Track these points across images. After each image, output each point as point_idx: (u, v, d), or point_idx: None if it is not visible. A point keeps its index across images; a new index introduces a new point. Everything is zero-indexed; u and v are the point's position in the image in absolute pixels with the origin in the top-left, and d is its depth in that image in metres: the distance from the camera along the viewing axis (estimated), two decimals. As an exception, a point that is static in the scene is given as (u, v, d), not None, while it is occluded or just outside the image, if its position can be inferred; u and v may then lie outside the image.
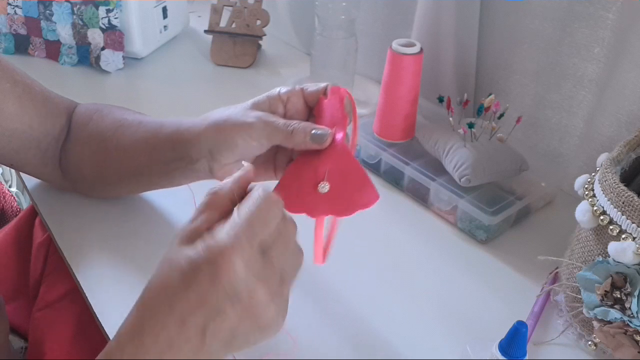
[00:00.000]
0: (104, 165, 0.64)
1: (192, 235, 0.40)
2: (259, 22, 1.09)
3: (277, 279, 0.40)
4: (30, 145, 0.65)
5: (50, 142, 0.66)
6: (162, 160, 0.59)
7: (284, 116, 0.55)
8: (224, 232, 0.38)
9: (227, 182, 0.43)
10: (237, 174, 0.44)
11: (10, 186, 1.36)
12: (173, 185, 0.64)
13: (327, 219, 0.48)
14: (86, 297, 0.60)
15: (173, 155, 0.58)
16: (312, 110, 0.56)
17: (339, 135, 0.51)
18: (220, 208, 0.41)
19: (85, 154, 0.65)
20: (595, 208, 0.54)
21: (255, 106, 0.55)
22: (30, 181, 0.74)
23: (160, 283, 0.39)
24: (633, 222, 0.50)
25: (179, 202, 0.70)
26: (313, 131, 0.50)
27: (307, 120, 0.55)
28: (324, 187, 0.48)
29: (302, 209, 0.47)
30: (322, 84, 0.55)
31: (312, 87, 0.55)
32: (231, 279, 0.37)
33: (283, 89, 0.55)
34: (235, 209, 0.40)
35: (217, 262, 0.37)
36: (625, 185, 0.52)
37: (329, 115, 0.53)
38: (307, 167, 0.50)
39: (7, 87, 0.61)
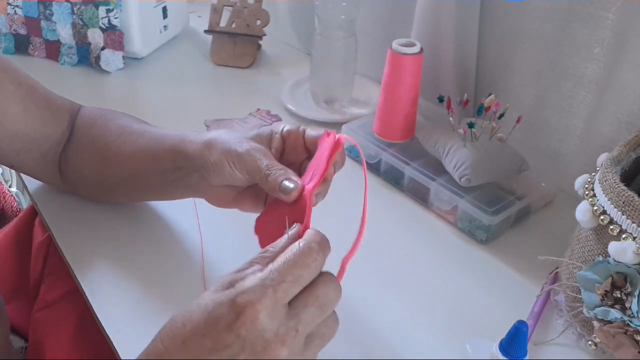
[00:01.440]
0: (104, 169, 0.64)
1: (229, 284, 0.39)
2: (259, 22, 1.09)
3: (299, 339, 0.38)
4: (32, 148, 0.65)
5: (51, 144, 0.66)
6: (160, 170, 0.60)
7: (282, 153, 0.56)
8: (254, 280, 0.38)
9: (282, 240, 0.42)
10: (291, 232, 0.43)
11: (10, 186, 1.36)
12: (166, 198, 0.65)
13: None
14: (86, 298, 0.60)
15: (171, 165, 0.59)
16: (311, 153, 0.55)
17: (308, 187, 0.49)
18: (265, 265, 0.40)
19: (86, 157, 0.65)
20: (595, 208, 0.54)
21: (257, 137, 0.56)
22: (31, 181, 0.74)
23: (182, 318, 0.39)
24: (633, 222, 0.50)
25: (179, 202, 0.70)
26: (283, 182, 0.50)
27: (303, 162, 0.56)
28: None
29: None
30: (323, 130, 0.54)
31: (313, 131, 0.55)
32: (248, 328, 0.36)
33: (287, 127, 0.56)
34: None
35: (238, 308, 0.36)
36: (625, 185, 0.52)
37: (314, 161, 0.52)
38: (280, 210, 0.50)
39: (10, 89, 0.61)
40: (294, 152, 0.56)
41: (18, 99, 0.62)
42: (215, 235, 0.68)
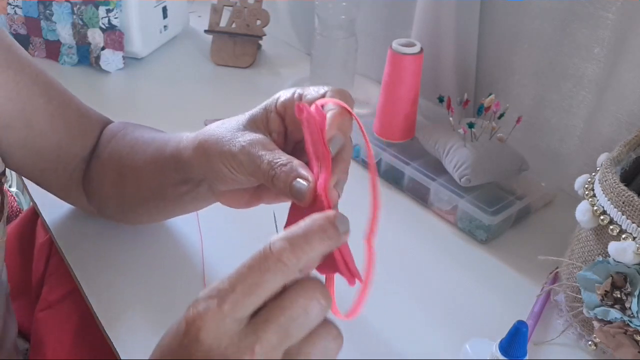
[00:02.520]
0: (122, 187, 0.60)
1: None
2: (259, 22, 1.09)
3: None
4: (57, 167, 0.61)
5: (78, 163, 0.62)
6: (172, 182, 0.54)
7: (284, 133, 0.47)
8: (205, 292, 0.32)
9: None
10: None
11: (10, 186, 1.36)
12: (188, 211, 0.59)
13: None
14: (87, 298, 0.60)
15: (178, 177, 0.53)
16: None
17: (320, 182, 0.39)
18: None
19: (105, 175, 0.61)
20: (595, 208, 0.54)
21: (251, 122, 0.47)
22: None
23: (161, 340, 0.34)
24: (633, 222, 0.50)
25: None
26: (293, 183, 0.40)
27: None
28: None
29: None
30: (323, 89, 0.44)
31: (312, 92, 0.45)
32: (193, 347, 0.31)
33: (281, 98, 0.46)
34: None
35: (186, 324, 0.31)
36: (625, 185, 0.52)
37: (309, 145, 0.40)
38: (302, 212, 0.39)
39: (40, 103, 0.58)
40: (298, 127, 0.45)
41: (47, 114, 0.59)
42: (216, 235, 0.68)
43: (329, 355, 0.33)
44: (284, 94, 0.46)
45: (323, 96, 0.43)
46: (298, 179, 0.40)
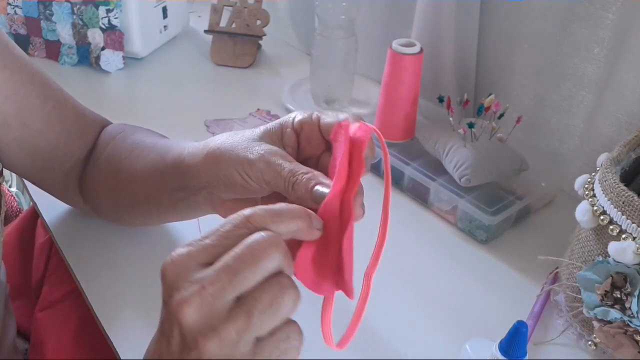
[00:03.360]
0: (117, 189, 0.60)
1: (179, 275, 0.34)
2: (259, 22, 1.09)
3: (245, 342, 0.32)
4: (54, 166, 0.61)
5: (74, 164, 0.63)
6: (169, 189, 0.54)
7: (298, 149, 0.48)
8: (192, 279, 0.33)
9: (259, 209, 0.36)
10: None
11: (10, 186, 1.36)
12: (182, 218, 0.59)
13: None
14: (87, 298, 0.60)
15: (177, 184, 0.53)
16: (329, 143, 0.47)
17: (349, 196, 0.40)
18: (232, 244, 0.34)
19: (101, 177, 0.61)
20: (595, 208, 0.54)
21: (266, 135, 0.48)
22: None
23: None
24: (633, 222, 0.50)
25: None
26: (315, 188, 0.41)
27: (322, 155, 0.48)
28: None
29: (326, 293, 0.40)
30: (342, 115, 0.46)
31: (329, 118, 0.47)
32: (182, 336, 0.32)
33: (298, 116, 0.48)
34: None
35: (172, 318, 0.32)
36: (625, 185, 0.52)
37: (337, 160, 0.42)
38: (318, 245, 0.40)
39: (36, 102, 0.58)
40: (310, 146, 0.47)
41: (43, 113, 0.59)
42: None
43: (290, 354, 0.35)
44: (300, 114, 0.48)
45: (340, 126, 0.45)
46: (318, 186, 0.41)
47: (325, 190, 0.41)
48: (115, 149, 0.60)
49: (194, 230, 0.69)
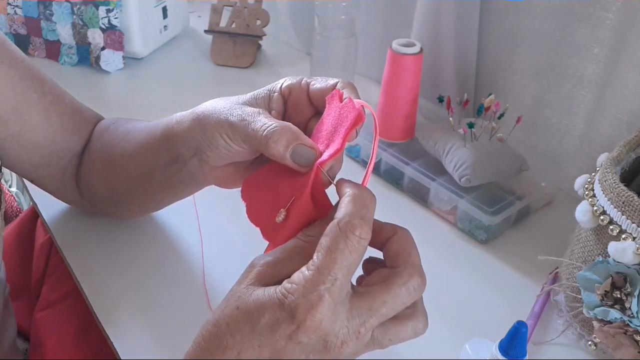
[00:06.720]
0: (111, 175, 0.60)
1: (269, 279, 0.37)
2: (259, 22, 1.09)
3: (364, 338, 0.37)
4: (51, 162, 0.62)
5: (71, 159, 0.63)
6: (161, 163, 0.54)
7: (284, 114, 0.48)
8: (302, 282, 0.35)
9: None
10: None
11: (10, 186, 1.36)
12: (177, 196, 0.60)
13: None
14: (87, 298, 0.60)
15: (168, 156, 0.53)
16: (318, 109, 0.47)
17: (324, 157, 0.41)
18: (310, 256, 0.36)
19: (96, 165, 0.62)
20: (595, 208, 0.54)
21: (253, 100, 0.48)
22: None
23: (223, 320, 0.37)
24: (633, 222, 0.50)
25: (179, 202, 0.70)
26: (296, 147, 0.42)
27: (309, 122, 0.47)
28: (280, 216, 0.40)
29: (259, 227, 0.42)
30: (332, 81, 0.46)
31: (319, 82, 0.47)
32: (310, 336, 0.35)
33: (287, 81, 0.48)
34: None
35: (295, 317, 0.34)
36: (625, 185, 0.52)
37: (330, 126, 0.43)
38: (276, 177, 0.43)
39: (33, 97, 0.58)
40: (298, 111, 0.47)
41: (40, 108, 0.59)
42: (216, 235, 0.68)
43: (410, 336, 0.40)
44: (289, 79, 0.48)
45: (333, 87, 0.45)
46: (301, 146, 0.41)
47: (305, 151, 0.41)
48: (109, 137, 0.61)
49: (193, 229, 0.69)
